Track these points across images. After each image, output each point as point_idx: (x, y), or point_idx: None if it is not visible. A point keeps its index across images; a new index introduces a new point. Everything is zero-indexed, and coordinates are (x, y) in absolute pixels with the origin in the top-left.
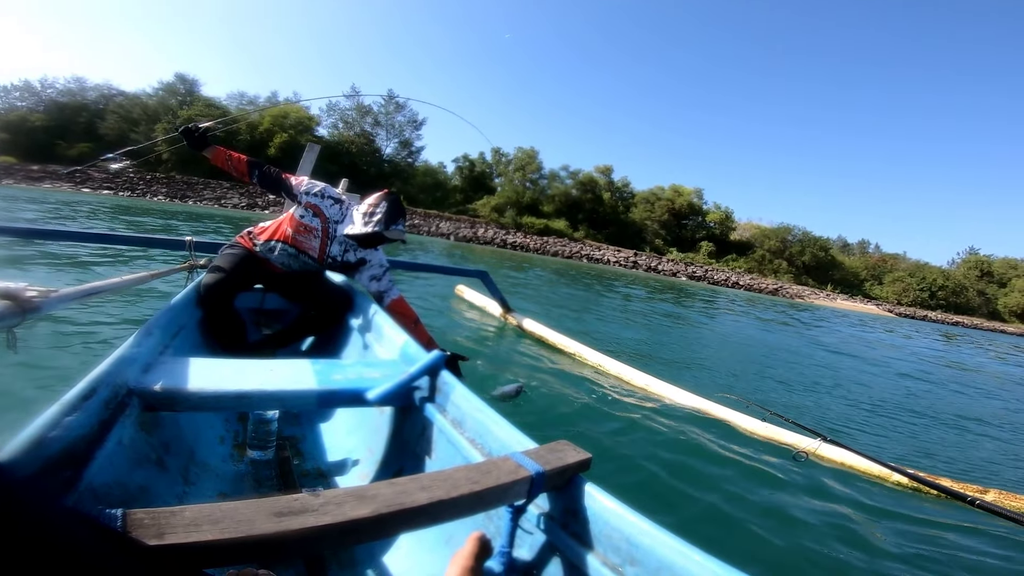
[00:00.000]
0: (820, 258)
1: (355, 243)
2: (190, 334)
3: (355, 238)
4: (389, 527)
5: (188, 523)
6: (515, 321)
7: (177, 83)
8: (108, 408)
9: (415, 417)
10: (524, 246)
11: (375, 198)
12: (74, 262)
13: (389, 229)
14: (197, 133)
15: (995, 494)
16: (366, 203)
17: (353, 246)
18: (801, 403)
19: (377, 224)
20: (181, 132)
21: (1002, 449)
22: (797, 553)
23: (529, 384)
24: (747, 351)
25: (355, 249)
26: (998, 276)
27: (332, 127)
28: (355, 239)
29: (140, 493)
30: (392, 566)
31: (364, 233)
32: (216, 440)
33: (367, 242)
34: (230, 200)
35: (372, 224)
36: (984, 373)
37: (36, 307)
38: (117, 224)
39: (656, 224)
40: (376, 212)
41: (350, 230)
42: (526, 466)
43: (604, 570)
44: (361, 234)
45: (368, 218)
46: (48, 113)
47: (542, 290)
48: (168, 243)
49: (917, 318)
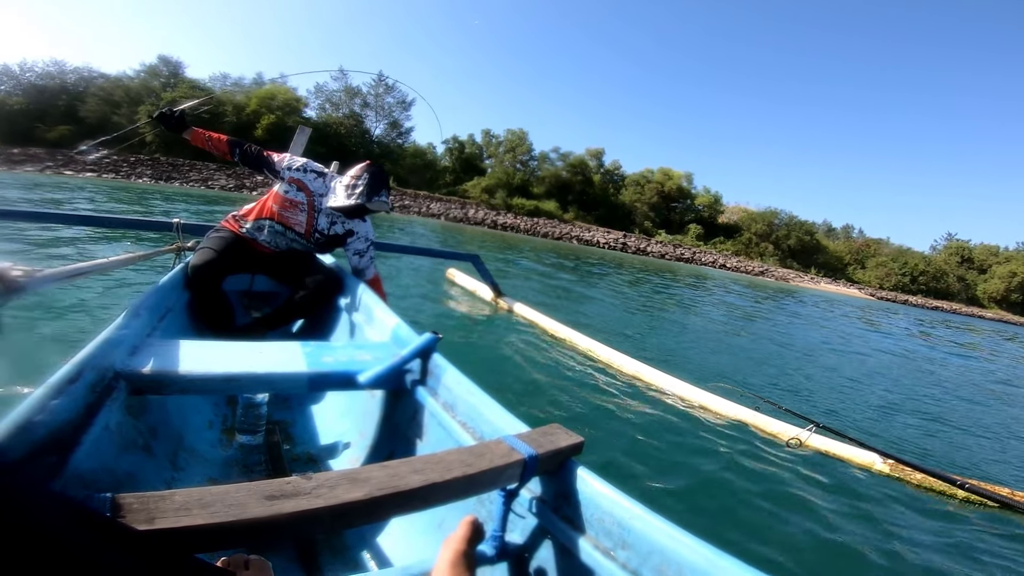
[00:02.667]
0: (805, 242)
1: (341, 215)
2: (178, 317)
3: (339, 210)
4: (382, 510)
5: (178, 507)
6: (506, 305)
7: (160, 65)
8: (94, 392)
9: (406, 400)
10: (514, 227)
11: (357, 169)
12: (57, 244)
13: (372, 200)
14: (174, 116)
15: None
16: (348, 175)
17: (340, 218)
18: (795, 390)
19: (360, 196)
20: (156, 117)
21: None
22: (786, 537)
23: (519, 368)
24: (733, 338)
25: (342, 221)
26: (978, 262)
27: (320, 108)
28: (339, 211)
29: (127, 479)
30: (384, 550)
31: (348, 205)
32: (204, 425)
33: (351, 214)
34: (217, 181)
35: (355, 196)
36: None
37: (20, 287)
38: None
39: (645, 206)
40: (358, 184)
41: (333, 202)
42: (519, 449)
43: (596, 554)
44: (344, 206)
45: (350, 190)
46: (27, 97)
47: (532, 278)
48: (155, 225)
49: (898, 302)
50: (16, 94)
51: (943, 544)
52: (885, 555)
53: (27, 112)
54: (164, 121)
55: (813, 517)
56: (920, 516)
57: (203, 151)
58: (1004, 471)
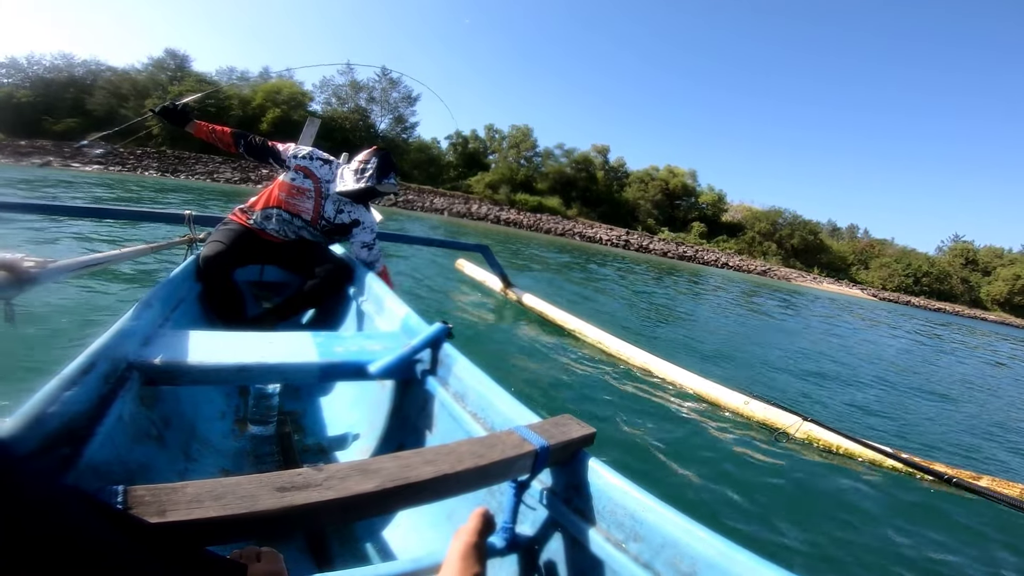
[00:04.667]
0: (809, 242)
1: (349, 201)
2: (190, 307)
3: (348, 195)
4: (393, 502)
5: (190, 499)
6: (515, 296)
7: (167, 59)
8: (108, 382)
9: (416, 391)
10: (518, 223)
11: (365, 154)
12: (69, 238)
13: (381, 183)
14: (176, 110)
15: (988, 480)
16: (356, 160)
17: (348, 205)
18: (802, 387)
19: (369, 179)
20: (159, 111)
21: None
22: (802, 530)
23: (528, 359)
24: (746, 336)
25: (349, 209)
26: (982, 264)
27: (325, 103)
28: (348, 196)
29: (141, 470)
30: (393, 542)
31: (357, 189)
32: (217, 415)
33: (360, 198)
34: (223, 174)
35: (364, 179)
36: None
37: (33, 278)
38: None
39: (649, 204)
40: (367, 167)
41: (342, 187)
42: (531, 440)
43: (607, 546)
44: (354, 190)
45: (360, 174)
46: (34, 89)
47: (535, 269)
48: (167, 217)
49: (900, 303)
50: (24, 87)
51: (932, 538)
52: (881, 547)
53: (34, 105)
54: (166, 115)
55: (825, 510)
56: (915, 509)
57: (209, 144)
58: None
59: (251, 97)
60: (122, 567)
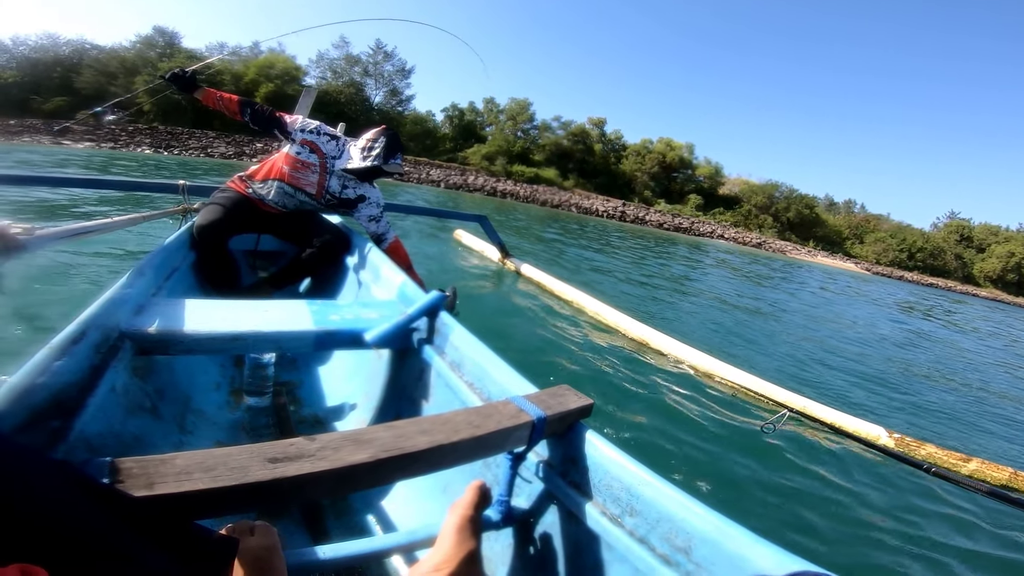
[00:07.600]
0: (805, 215)
1: (354, 179)
2: (183, 276)
3: (354, 172)
4: (387, 472)
5: (179, 471)
6: (513, 266)
7: (156, 36)
8: (99, 352)
9: (413, 360)
10: (514, 194)
11: (373, 133)
12: (60, 209)
13: (387, 163)
14: (185, 76)
15: (978, 463)
16: (364, 138)
17: (353, 182)
18: (796, 359)
19: (376, 158)
20: (169, 78)
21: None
22: (790, 507)
23: (525, 329)
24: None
25: (355, 186)
26: (977, 241)
27: (320, 77)
28: (354, 173)
29: (135, 442)
30: (390, 514)
31: (363, 167)
32: (212, 386)
33: (366, 176)
34: (217, 149)
35: (371, 158)
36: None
37: (21, 245)
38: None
39: (646, 176)
40: (375, 146)
41: (349, 165)
42: (527, 411)
43: (603, 520)
44: (360, 168)
45: (367, 152)
46: (21, 70)
47: (528, 237)
48: (161, 186)
49: (893, 278)
50: (10, 67)
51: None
52: (871, 534)
53: (22, 85)
54: (176, 81)
55: (816, 487)
56: (897, 493)
57: (202, 118)
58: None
59: (243, 72)
60: (105, 544)
